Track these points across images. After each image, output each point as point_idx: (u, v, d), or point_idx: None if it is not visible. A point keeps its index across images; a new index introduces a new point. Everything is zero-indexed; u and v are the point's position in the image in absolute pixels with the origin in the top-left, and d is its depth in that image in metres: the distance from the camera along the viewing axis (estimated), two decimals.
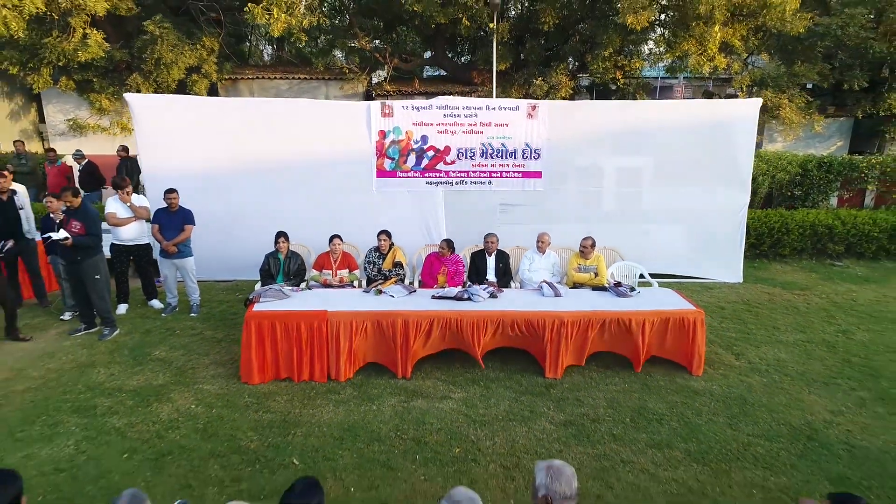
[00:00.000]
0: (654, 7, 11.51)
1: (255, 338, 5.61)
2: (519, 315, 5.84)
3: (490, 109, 8.38)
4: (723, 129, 8.55)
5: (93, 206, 6.90)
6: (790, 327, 7.37)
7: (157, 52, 12.21)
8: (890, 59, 13.35)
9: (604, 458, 4.59)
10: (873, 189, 13.54)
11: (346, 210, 8.02)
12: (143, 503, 2.49)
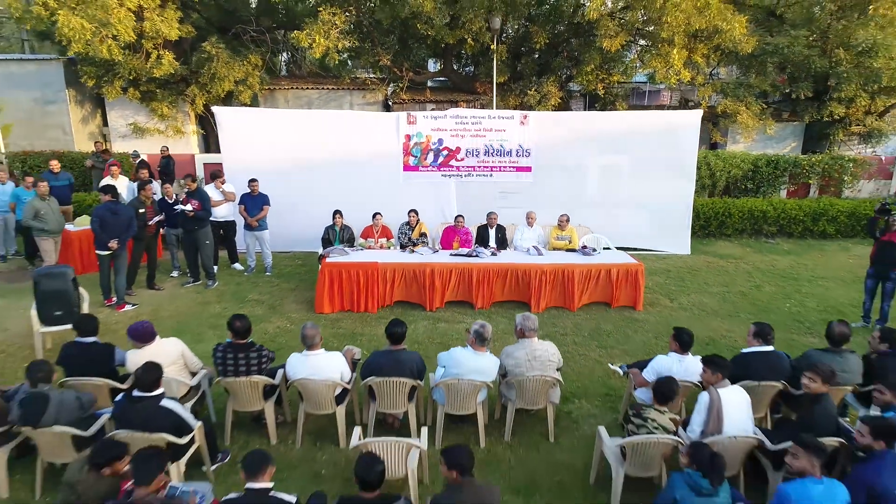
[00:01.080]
0: (625, 33, 13.95)
1: (327, 281, 8.06)
2: (512, 266, 8.30)
3: (491, 118, 10.84)
4: (672, 134, 11.01)
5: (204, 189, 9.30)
6: (717, 283, 9.81)
7: (213, 67, 14.63)
8: (830, 72, 15.74)
9: (567, 353, 7.02)
10: (815, 183, 16.03)
11: (380, 196, 10.40)
12: (317, 331, 4.93)
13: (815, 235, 13.00)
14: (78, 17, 11.65)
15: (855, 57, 15.19)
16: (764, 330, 5.00)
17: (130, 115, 16.95)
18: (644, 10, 13.47)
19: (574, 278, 8.34)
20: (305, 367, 4.91)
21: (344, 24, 14.20)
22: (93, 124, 17.54)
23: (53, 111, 16.35)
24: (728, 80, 16.89)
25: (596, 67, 15.50)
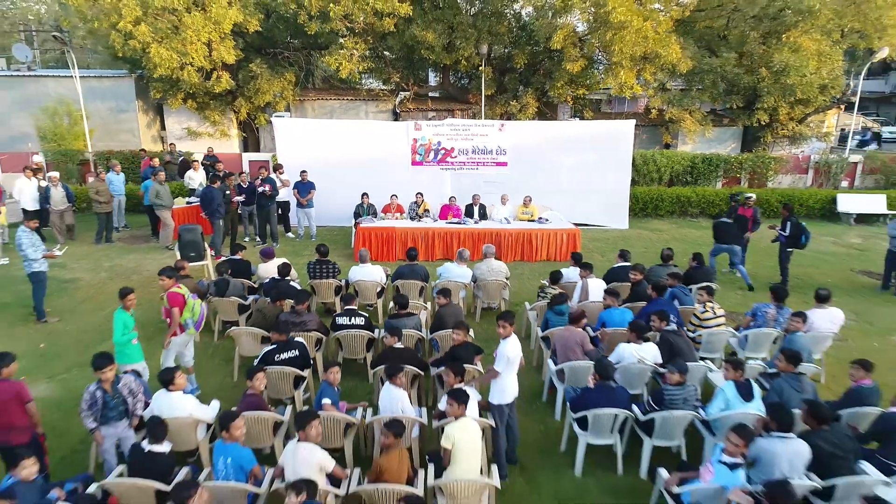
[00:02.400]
0: (583, 59, 17.68)
1: (361, 238, 11.79)
2: (488, 231, 12.04)
3: (477, 126, 14.57)
4: (613, 138, 14.75)
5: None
6: (639, 246, 13.48)
7: (257, 84, 18.36)
8: (756, 87, 19.41)
9: (522, 283, 10.71)
10: (744, 177, 19.73)
11: (395, 182, 13.99)
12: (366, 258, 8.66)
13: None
14: (165, 48, 15.39)
15: (773, 75, 18.86)
16: (624, 253, 8.74)
17: (185, 120, 20.65)
18: (598, 40, 17.16)
19: (531, 239, 12.09)
20: (362, 273, 8.64)
21: (363, 50, 17.94)
22: (154, 128, 21.26)
23: (125, 118, 20.08)
24: (674, 93, 20.57)
25: (565, 83, 19.21)
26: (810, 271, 12.14)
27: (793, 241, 10.44)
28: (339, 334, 6.94)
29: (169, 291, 6.47)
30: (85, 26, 17.19)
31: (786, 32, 18.80)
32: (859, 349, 8.53)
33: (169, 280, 6.52)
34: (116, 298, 6.50)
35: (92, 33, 17.51)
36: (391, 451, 4.51)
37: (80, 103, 17.68)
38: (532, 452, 5.93)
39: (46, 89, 19.69)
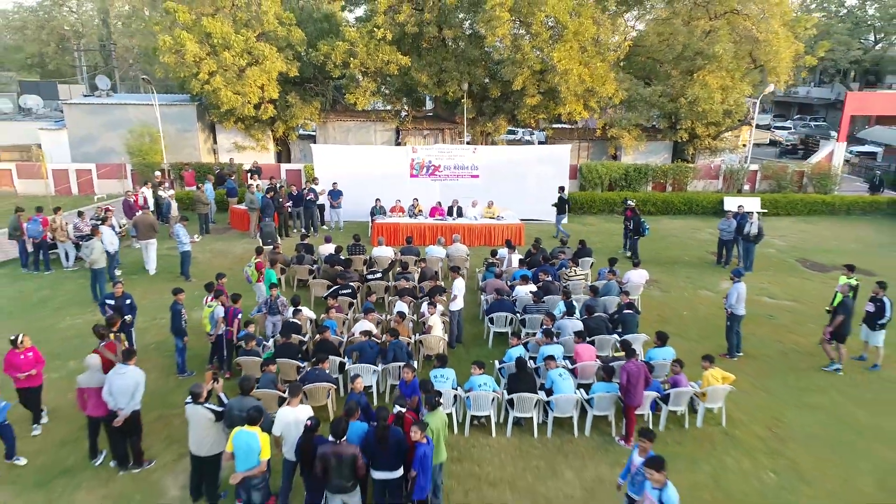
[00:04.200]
0: (539, 95, 23.42)
1: (377, 230, 17.64)
2: (463, 226, 17.92)
3: (457, 150, 20.41)
4: (556, 158, 20.57)
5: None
6: (575, 234, 19.29)
7: (293, 111, 24.14)
8: (675, 112, 25.12)
9: (480, 258, 16.54)
10: (668, 182, 25.53)
11: (398, 190, 19.71)
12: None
13: (645, 212, 22.55)
14: (230, 91, 21.21)
15: (689, 104, 24.58)
16: (537, 240, 14.61)
17: (232, 137, 26.39)
18: (547, 82, 22.88)
19: (490, 231, 17.97)
20: (379, 251, 14.49)
21: (373, 87, 23.74)
22: (208, 143, 27.03)
23: (188, 136, 25.84)
24: (614, 115, 26.30)
25: (529, 110, 24.97)
26: (677, 252, 18.05)
27: (636, 231, 16.37)
28: (369, 282, 12.83)
29: (257, 262, 12.22)
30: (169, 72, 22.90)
31: (697, 72, 24.57)
32: (679, 297, 14.43)
33: (259, 255, 12.30)
34: (223, 268, 12.38)
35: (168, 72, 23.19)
36: (400, 325, 10.36)
37: (159, 125, 23.52)
38: (469, 339, 11.83)
39: (127, 114, 25.43)
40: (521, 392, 8.56)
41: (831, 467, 8.26)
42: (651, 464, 5.68)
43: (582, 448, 8.55)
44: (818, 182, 25.42)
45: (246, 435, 6.38)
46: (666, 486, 5.58)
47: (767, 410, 9.62)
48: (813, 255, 17.88)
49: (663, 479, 5.60)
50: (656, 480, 5.61)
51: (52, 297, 13.64)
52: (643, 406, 8.69)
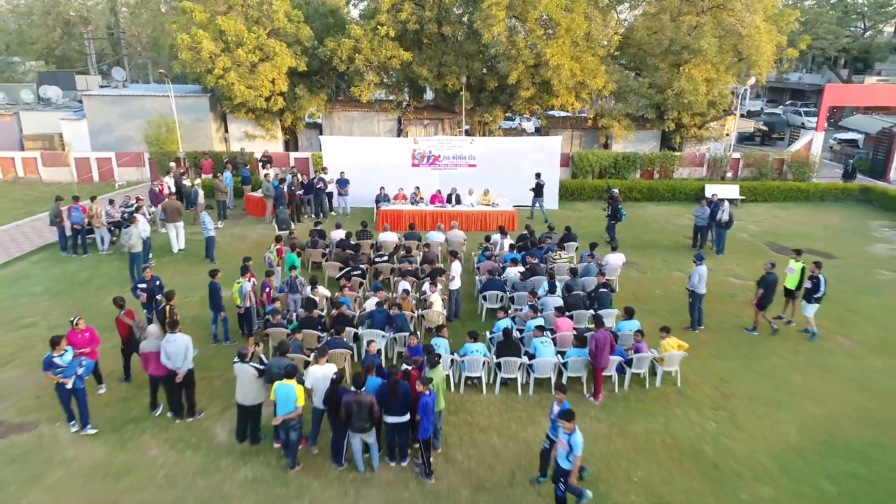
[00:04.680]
0: (533, 88, 24.83)
1: (383, 216, 19.23)
2: (461, 212, 19.49)
3: (455, 140, 21.89)
4: (548, 148, 22.08)
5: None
6: (563, 220, 20.86)
7: (301, 102, 25.57)
8: (663, 102, 26.52)
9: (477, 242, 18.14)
10: (656, 170, 27.04)
11: (401, 179, 21.23)
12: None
13: (631, 199, 24.11)
14: (243, 86, 22.65)
15: (675, 96, 25.98)
16: (527, 226, 16.21)
17: (243, 126, 27.83)
18: (541, 76, 24.27)
19: (486, 217, 19.55)
20: (385, 236, 16.10)
21: (377, 80, 25.15)
22: (220, 132, 28.48)
23: (201, 126, 27.29)
24: (605, 106, 27.72)
25: (524, 101, 26.38)
26: (657, 236, 19.66)
27: (613, 216, 17.96)
28: (377, 265, 14.46)
29: (277, 248, 13.85)
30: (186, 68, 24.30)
31: (683, 65, 25.94)
32: (654, 277, 16.07)
33: (278, 243, 13.93)
34: (242, 252, 14.06)
35: (185, 67, 24.59)
36: (405, 301, 11.99)
37: (174, 116, 24.98)
38: (465, 314, 13.49)
39: (144, 104, 26.85)
40: (508, 357, 10.23)
41: (763, 418, 9.96)
42: (563, 415, 7.32)
43: None
44: (797, 170, 26.92)
45: (285, 386, 8.05)
46: (574, 431, 7.20)
47: (717, 374, 11.31)
48: (782, 240, 19.47)
49: (572, 426, 7.20)
50: (566, 428, 7.25)
51: (93, 278, 15.28)
52: (609, 368, 10.35)
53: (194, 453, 8.82)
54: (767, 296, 12.58)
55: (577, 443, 7.14)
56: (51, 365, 8.48)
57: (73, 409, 9.08)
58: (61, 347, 8.60)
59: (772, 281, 12.56)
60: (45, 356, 8.59)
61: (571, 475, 7.24)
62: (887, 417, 10.06)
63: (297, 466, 8.43)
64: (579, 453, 7.17)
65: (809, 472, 8.68)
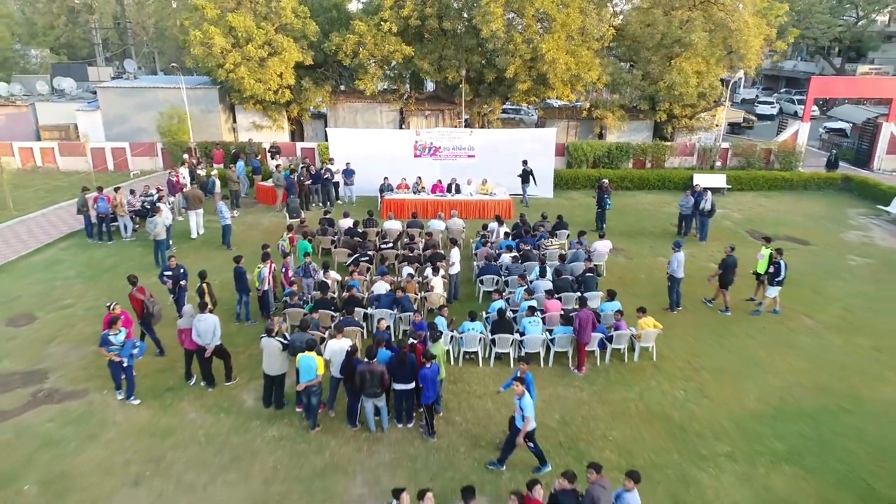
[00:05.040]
0: (530, 81, 25.87)
1: (387, 206, 20.42)
2: (460, 201, 20.69)
3: (455, 131, 23.00)
4: (543, 139, 23.21)
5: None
6: (556, 209, 22.02)
7: (307, 94, 26.63)
8: (655, 94, 27.57)
9: (475, 230, 19.34)
10: (648, 159, 28.15)
11: (403, 169, 22.39)
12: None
13: (623, 188, 25.26)
14: (253, 80, 23.73)
15: (667, 88, 27.02)
16: (522, 216, 17.41)
17: (250, 117, 28.90)
18: (537, 69, 25.32)
19: (484, 206, 20.74)
20: (390, 224, 17.30)
21: (380, 73, 26.20)
22: (228, 123, 29.55)
23: (211, 116, 28.35)
24: (599, 98, 28.78)
25: (521, 94, 27.44)
26: (645, 224, 20.86)
27: (598, 205, 19.16)
28: (382, 251, 15.69)
29: (290, 236, 15.06)
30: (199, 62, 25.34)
31: (675, 58, 26.95)
32: (640, 263, 17.30)
33: (290, 231, 15.14)
34: (256, 239, 15.35)
35: (197, 62, 25.64)
36: (409, 284, 13.22)
37: (186, 107, 26.06)
38: (464, 295, 14.74)
39: (156, 96, 27.90)
40: (501, 334, 11.50)
41: (727, 388, 11.25)
42: (517, 380, 8.62)
43: (545, 374, 11.52)
44: (783, 159, 28.03)
45: (307, 357, 9.31)
46: (523, 395, 8.44)
47: (690, 350, 12.58)
48: (762, 227, 20.64)
49: (521, 391, 8.46)
50: (517, 392, 8.52)
51: (121, 263, 16.51)
52: (592, 344, 11.62)
53: (227, 416, 10.13)
54: (727, 276, 13.94)
55: (525, 405, 8.39)
56: (106, 342, 9.72)
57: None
58: (117, 328, 9.82)
59: (731, 263, 13.86)
60: (103, 334, 9.83)
61: (521, 434, 8.49)
62: (837, 387, 11.35)
63: (317, 427, 9.73)
64: (528, 414, 8.42)
65: (762, 433, 9.99)
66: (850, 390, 11.28)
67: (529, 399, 8.47)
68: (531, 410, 8.43)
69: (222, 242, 17.70)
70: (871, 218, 22.07)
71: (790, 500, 8.55)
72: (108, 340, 9.73)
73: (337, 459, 9.15)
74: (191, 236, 18.45)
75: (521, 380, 8.59)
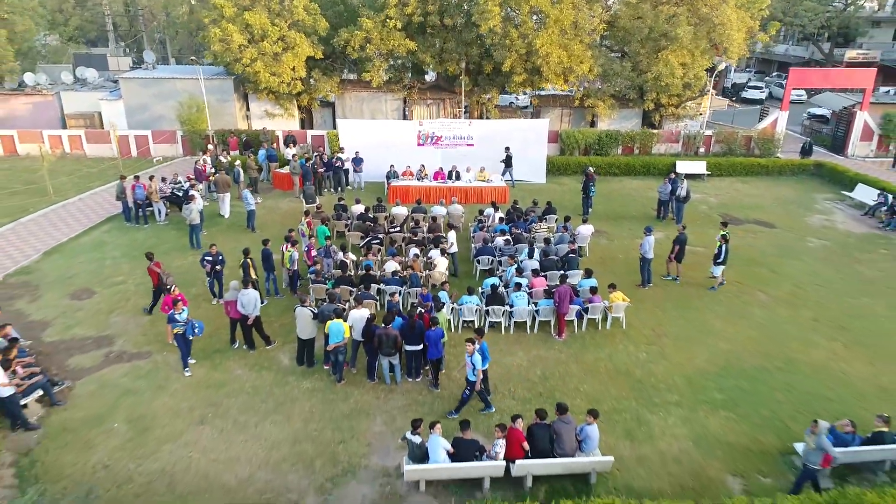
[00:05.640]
0: (526, 73, 27.70)
1: (393, 192, 22.47)
2: (459, 188, 22.73)
3: (455, 122, 24.95)
4: (536, 129, 25.16)
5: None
6: (547, 194, 24.07)
7: (317, 85, 28.48)
8: (642, 84, 29.39)
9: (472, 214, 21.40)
10: (636, 146, 30.08)
11: (408, 157, 24.36)
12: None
13: (610, 174, 27.24)
14: (268, 73, 25.60)
15: (654, 79, 28.83)
16: (514, 203, 19.48)
17: (263, 105, 30.76)
18: (532, 62, 27.15)
19: (481, 192, 22.79)
20: (397, 210, 19.38)
21: (385, 65, 28.05)
22: (242, 111, 31.41)
23: (226, 105, 30.22)
24: (591, 87, 30.59)
25: (518, 84, 29.27)
26: (628, 208, 22.91)
27: (583, 191, 21.18)
28: (391, 234, 17.79)
29: (307, 221, 17.12)
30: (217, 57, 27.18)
31: (661, 51, 28.71)
32: (620, 245, 19.39)
33: (307, 216, 17.20)
34: (277, 222, 17.54)
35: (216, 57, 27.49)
36: (415, 263, 15.35)
37: (204, 97, 27.95)
38: (463, 273, 16.88)
39: (174, 86, 29.73)
40: (494, 306, 13.65)
41: (683, 351, 13.43)
42: (469, 339, 10.78)
43: (531, 340, 13.71)
44: (763, 146, 29.97)
45: (336, 323, 11.47)
46: (473, 353, 10.56)
47: (655, 320, 14.75)
48: (734, 211, 22.73)
49: (471, 350, 10.59)
50: (468, 350, 10.65)
51: (159, 244, 18.61)
52: (570, 314, 13.77)
53: (268, 372, 12.33)
54: (681, 251, 16.17)
55: (475, 361, 10.54)
56: (173, 320, 11.83)
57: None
58: (180, 307, 11.90)
59: (682, 239, 16.13)
60: (169, 313, 11.88)
61: (476, 384, 10.70)
62: (776, 351, 13.54)
63: (342, 381, 11.94)
64: (479, 367, 10.59)
65: (707, 387, 12.20)
66: (787, 354, 13.47)
67: (478, 357, 10.61)
68: (479, 366, 10.60)
69: (247, 226, 19.77)
70: (836, 203, 24.12)
71: (721, 436, 10.78)
72: (175, 318, 11.81)
73: (360, 405, 11.38)
74: (223, 215, 20.72)
75: (470, 340, 10.74)
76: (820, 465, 8.84)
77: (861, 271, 17.73)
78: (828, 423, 9.24)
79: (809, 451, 8.91)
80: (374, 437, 10.61)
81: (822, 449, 8.73)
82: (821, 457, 8.79)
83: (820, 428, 8.76)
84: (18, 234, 19.40)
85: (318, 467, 9.85)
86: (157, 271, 14.06)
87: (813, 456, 8.84)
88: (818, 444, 8.74)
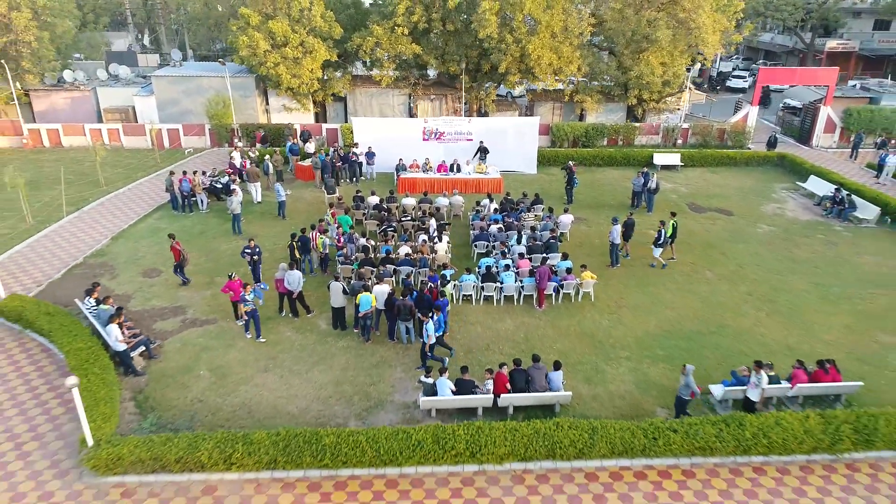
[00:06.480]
0: (520, 73, 30.74)
1: (402, 184, 25.76)
2: (460, 179, 26.02)
3: (457, 119, 28.16)
4: (529, 125, 28.35)
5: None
6: (537, 183, 27.34)
7: (332, 82, 31.57)
8: (626, 81, 32.43)
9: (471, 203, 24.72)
10: (619, 138, 33.24)
11: (414, 151, 27.55)
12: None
13: (595, 165, 30.47)
14: (289, 74, 28.72)
15: (636, 77, 31.88)
16: (507, 194, 22.82)
17: (281, 100, 33.86)
18: (525, 64, 30.20)
19: (480, 183, 26.09)
20: (406, 200, 22.70)
21: (392, 66, 31.15)
22: (262, 106, 34.51)
23: (248, 101, 33.32)
24: (579, 84, 33.65)
25: (513, 84, 32.35)
26: (606, 198, 26.22)
27: (568, 183, 24.48)
28: (403, 223, 21.15)
29: (331, 212, 20.46)
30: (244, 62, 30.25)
31: (642, 53, 31.73)
32: (596, 230, 22.75)
33: (331, 208, 20.53)
34: (303, 210, 21.15)
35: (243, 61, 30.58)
36: (424, 247, 18.73)
37: (229, 93, 31.09)
38: (462, 257, 20.28)
39: (201, 83, 32.79)
40: (488, 283, 17.08)
41: (638, 319, 16.88)
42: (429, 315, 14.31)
43: (517, 310, 17.16)
44: (735, 138, 33.13)
45: (365, 296, 14.91)
46: (428, 321, 13.96)
47: (619, 294, 18.19)
48: (699, 200, 26.03)
49: (427, 318, 14.05)
50: (423, 319, 14.14)
51: (207, 231, 21.98)
52: (548, 290, 17.19)
53: (310, 334, 15.82)
54: (627, 231, 19.80)
55: (429, 329, 13.95)
56: (244, 300, 15.19)
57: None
58: (248, 290, 15.24)
59: (630, 223, 19.80)
60: (241, 295, 15.23)
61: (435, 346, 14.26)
62: (712, 318, 16.99)
63: (369, 340, 15.43)
64: (431, 332, 13.98)
65: (652, 345, 15.68)
66: (720, 320, 16.92)
67: (432, 324, 14.01)
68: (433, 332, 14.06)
69: (278, 214, 23.12)
70: (791, 192, 27.41)
71: (658, 381, 14.28)
72: (245, 299, 15.19)
73: (384, 358, 14.89)
74: (256, 201, 24.18)
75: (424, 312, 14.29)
76: (689, 396, 12.37)
77: (796, 254, 21.13)
78: (693, 366, 12.50)
79: (681, 387, 12.38)
80: (396, 380, 14.12)
81: (689, 386, 12.22)
82: (688, 392, 12.29)
83: (687, 371, 12.20)
84: (84, 221, 22.78)
85: (356, 402, 13.37)
86: (178, 249, 17.58)
87: (684, 391, 12.34)
88: (686, 383, 12.22)
